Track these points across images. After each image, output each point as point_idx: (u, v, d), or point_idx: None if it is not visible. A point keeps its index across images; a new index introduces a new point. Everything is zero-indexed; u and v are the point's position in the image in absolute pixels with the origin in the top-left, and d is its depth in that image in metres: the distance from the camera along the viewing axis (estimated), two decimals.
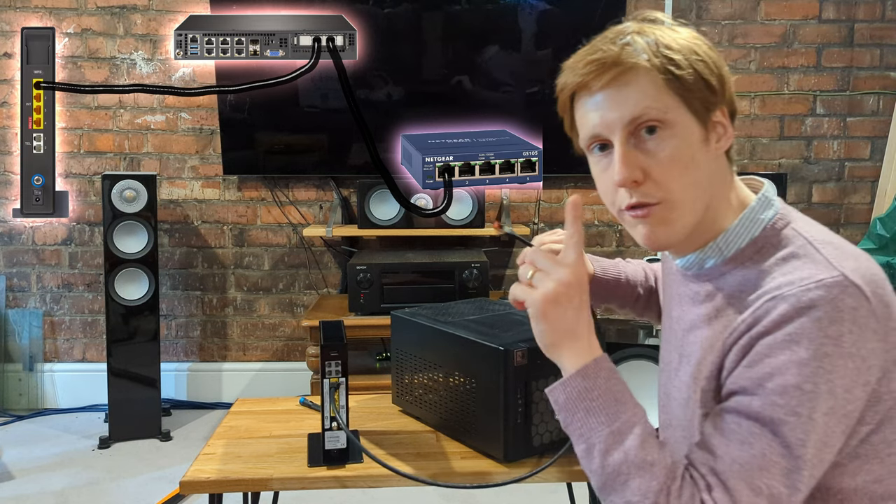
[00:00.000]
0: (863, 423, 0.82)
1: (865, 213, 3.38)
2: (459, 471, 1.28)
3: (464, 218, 2.98)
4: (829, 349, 0.77)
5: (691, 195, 0.87)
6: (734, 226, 0.89)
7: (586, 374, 0.86)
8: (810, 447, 0.78)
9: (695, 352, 0.91)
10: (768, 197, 0.91)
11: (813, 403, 0.77)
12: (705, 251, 0.91)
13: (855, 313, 0.78)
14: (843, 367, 0.78)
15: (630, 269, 1.32)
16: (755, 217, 0.89)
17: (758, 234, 0.88)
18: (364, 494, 2.48)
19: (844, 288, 0.78)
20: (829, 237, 0.87)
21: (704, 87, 0.85)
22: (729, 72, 0.88)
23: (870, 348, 0.79)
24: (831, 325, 0.77)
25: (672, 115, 0.85)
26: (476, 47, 3.18)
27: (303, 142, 3.27)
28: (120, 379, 2.94)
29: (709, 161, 0.87)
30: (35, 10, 3.21)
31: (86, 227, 3.33)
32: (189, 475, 1.26)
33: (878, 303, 0.80)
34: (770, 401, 0.79)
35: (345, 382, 1.28)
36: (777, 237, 0.87)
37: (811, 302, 0.78)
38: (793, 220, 0.89)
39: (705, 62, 0.85)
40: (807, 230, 0.87)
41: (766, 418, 0.79)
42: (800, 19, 3.31)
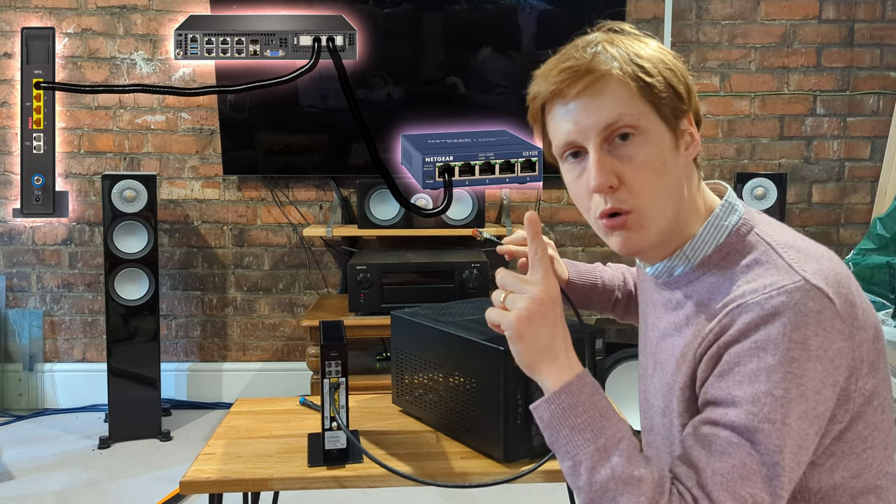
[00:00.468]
0: (835, 422, 0.84)
1: (865, 213, 3.38)
2: (459, 471, 1.28)
3: (464, 218, 2.98)
4: (796, 353, 0.79)
5: (663, 201, 0.89)
6: (700, 233, 0.91)
7: (569, 391, 0.86)
8: (787, 452, 0.79)
9: (668, 360, 0.93)
10: (731, 203, 0.93)
11: (786, 409, 0.79)
12: (673, 259, 0.93)
13: (819, 316, 0.80)
14: (812, 369, 0.79)
15: (608, 274, 1.34)
16: (720, 224, 0.91)
17: (723, 241, 0.90)
18: (364, 494, 2.48)
19: (806, 292, 0.80)
20: (792, 240, 0.89)
21: (673, 95, 0.88)
22: (693, 82, 0.91)
23: (836, 349, 0.81)
24: (796, 329, 0.79)
25: (645, 122, 0.87)
26: (476, 47, 3.18)
27: (303, 142, 3.27)
28: (120, 379, 2.94)
29: (678, 168, 0.89)
30: (35, 10, 3.21)
31: (86, 227, 3.33)
32: (189, 475, 1.26)
33: (842, 303, 0.82)
34: (744, 409, 0.80)
35: (345, 382, 1.28)
36: (741, 243, 0.89)
37: (774, 309, 0.80)
38: (756, 225, 0.91)
39: (673, 71, 0.88)
40: (770, 234, 0.89)
41: (742, 427, 0.80)
42: (800, 19, 3.31)
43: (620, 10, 3.16)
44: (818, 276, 0.82)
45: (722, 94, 3.31)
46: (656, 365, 0.97)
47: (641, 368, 1.04)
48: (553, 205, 3.35)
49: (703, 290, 0.90)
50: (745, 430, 0.80)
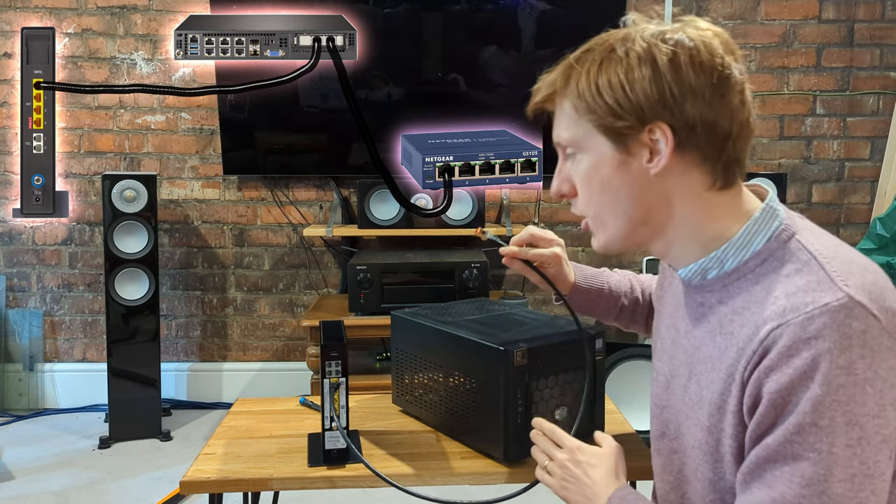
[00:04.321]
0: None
1: (865, 213, 3.38)
2: (459, 471, 1.28)
3: (464, 218, 2.98)
4: (841, 380, 0.76)
5: (609, 214, 0.90)
6: (736, 237, 0.88)
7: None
8: (836, 482, 0.76)
9: (707, 372, 0.90)
10: (773, 206, 0.89)
11: (831, 438, 0.76)
12: (705, 262, 0.90)
13: (864, 336, 0.77)
14: (861, 394, 0.76)
15: (615, 280, 1.33)
16: (758, 228, 0.88)
17: (761, 247, 0.87)
18: (364, 494, 2.48)
19: (850, 311, 0.77)
20: (835, 249, 0.86)
21: (619, 113, 0.85)
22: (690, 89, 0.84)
23: (888, 366, 0.77)
24: (841, 354, 0.76)
25: (585, 142, 0.89)
26: (476, 47, 3.18)
27: (303, 142, 3.27)
28: (120, 379, 2.94)
29: (631, 183, 0.88)
30: (35, 10, 3.21)
31: (86, 227, 3.33)
32: (189, 475, 1.26)
33: (888, 316, 0.79)
34: (787, 439, 0.78)
35: (345, 382, 1.28)
36: (781, 250, 0.86)
37: (817, 332, 0.77)
38: (798, 231, 0.88)
39: (628, 88, 0.84)
40: (812, 243, 0.86)
41: (786, 458, 0.79)
42: (800, 19, 3.31)
43: (620, 10, 3.16)
44: (861, 292, 0.79)
45: None
46: (692, 375, 0.93)
47: (664, 375, 1.01)
48: (553, 205, 3.35)
49: (740, 298, 0.87)
50: (788, 460, 0.78)
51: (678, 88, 0.83)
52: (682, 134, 0.85)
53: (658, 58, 0.84)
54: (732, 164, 0.87)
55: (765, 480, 0.80)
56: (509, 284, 3.44)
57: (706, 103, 0.84)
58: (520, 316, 1.50)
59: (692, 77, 0.83)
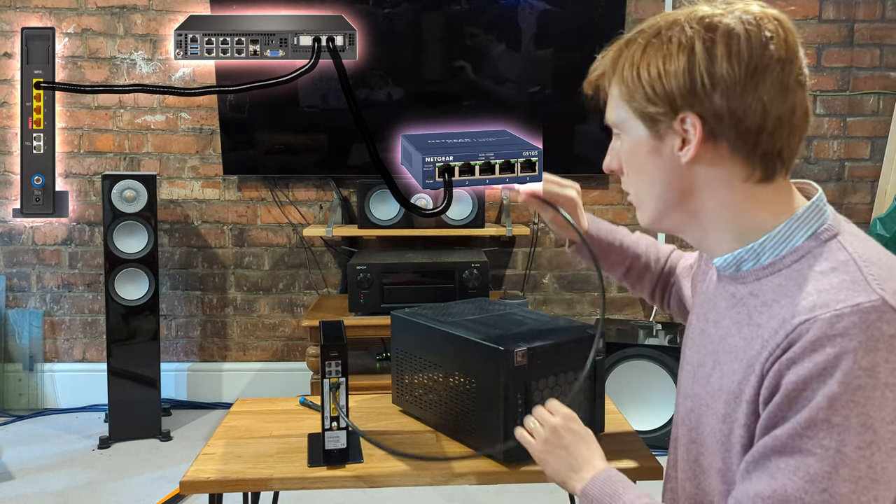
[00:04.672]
0: None
1: (865, 213, 3.38)
2: (459, 471, 1.28)
3: (464, 218, 2.98)
4: (862, 381, 0.75)
5: (645, 194, 0.93)
6: (776, 231, 0.87)
7: (586, 493, 1.01)
8: (840, 481, 0.75)
9: (729, 362, 0.90)
10: (819, 206, 0.87)
11: (842, 437, 0.75)
12: (741, 253, 0.89)
13: (893, 341, 0.75)
14: (881, 398, 0.75)
15: (629, 239, 1.33)
16: (800, 225, 0.86)
17: (801, 244, 0.86)
18: (364, 494, 2.48)
19: (882, 314, 0.76)
20: (877, 256, 0.83)
21: (653, 99, 0.86)
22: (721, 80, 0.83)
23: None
24: (866, 355, 0.75)
25: (626, 124, 0.91)
26: (476, 47, 3.18)
27: (303, 142, 3.27)
28: (120, 379, 2.94)
29: (663, 168, 0.89)
30: (35, 10, 3.21)
31: (86, 227, 3.33)
32: (189, 475, 1.26)
33: None
34: (797, 433, 0.77)
35: (345, 382, 1.28)
36: (820, 249, 0.84)
37: (844, 329, 0.76)
38: (841, 233, 0.86)
39: (664, 76, 0.85)
40: (853, 245, 0.84)
41: (792, 450, 0.78)
42: (800, 19, 3.31)
43: (620, 10, 3.16)
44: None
45: None
46: (716, 364, 0.93)
47: (693, 365, 1.00)
48: None
49: (770, 290, 0.86)
50: (796, 453, 0.77)
51: (709, 80, 0.83)
52: (712, 124, 0.84)
53: (696, 46, 0.83)
54: (772, 158, 0.85)
55: (768, 470, 0.79)
56: (509, 284, 3.44)
57: (736, 95, 0.83)
58: (520, 316, 1.50)
59: (725, 68, 0.82)
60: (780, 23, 0.84)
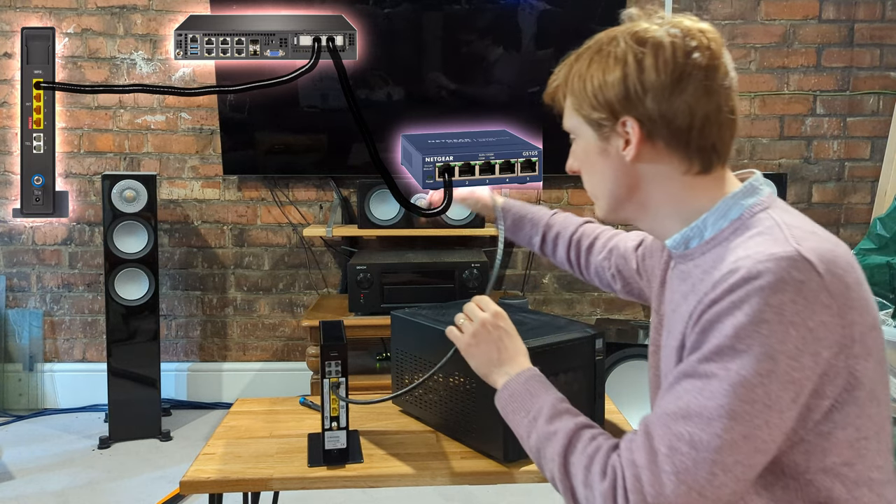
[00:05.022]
0: (822, 397, 0.85)
1: (865, 213, 3.38)
2: (459, 471, 1.28)
3: (464, 218, 2.98)
4: (768, 316, 0.82)
5: (598, 191, 1.03)
6: (714, 208, 0.96)
7: (508, 386, 1.08)
8: (737, 401, 0.82)
9: (675, 326, 0.97)
10: (755, 185, 0.97)
11: (744, 361, 0.82)
12: (687, 231, 0.98)
13: (801, 286, 0.82)
14: (784, 333, 0.82)
15: (541, 213, 1.47)
16: (736, 202, 0.96)
17: (736, 217, 0.95)
18: (364, 494, 2.48)
19: (794, 262, 0.83)
20: (801, 223, 0.92)
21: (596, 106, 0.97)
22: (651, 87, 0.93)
23: (819, 321, 0.83)
24: (774, 294, 0.82)
25: (578, 130, 1.02)
26: (476, 47, 3.18)
27: (303, 142, 3.27)
28: (120, 379, 2.94)
29: (611, 167, 0.99)
30: (35, 10, 3.21)
31: (86, 227, 3.33)
32: (189, 475, 1.26)
33: (833, 279, 0.84)
34: (705, 358, 0.85)
35: (345, 382, 1.28)
36: (752, 219, 0.94)
37: (759, 273, 0.83)
38: (772, 207, 0.95)
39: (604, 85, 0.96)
40: (781, 216, 0.93)
41: (699, 374, 0.85)
42: (800, 19, 3.31)
43: (620, 10, 3.16)
44: (813, 252, 0.85)
45: None
46: (669, 334, 1.01)
47: (653, 346, 1.09)
48: (553, 204, 3.35)
49: (710, 260, 0.94)
50: (701, 376, 0.85)
51: (641, 87, 0.93)
52: (648, 126, 0.94)
53: (629, 59, 0.94)
54: (706, 152, 0.95)
55: (676, 392, 0.87)
56: (509, 284, 3.44)
57: (665, 99, 0.93)
58: (520, 316, 1.50)
59: (653, 77, 0.93)
60: (704, 34, 0.96)
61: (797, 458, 0.88)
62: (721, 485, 0.83)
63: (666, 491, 0.83)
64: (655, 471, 0.84)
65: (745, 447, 0.83)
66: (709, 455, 0.82)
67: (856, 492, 0.88)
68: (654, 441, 0.85)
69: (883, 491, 0.90)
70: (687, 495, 0.83)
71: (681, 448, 0.83)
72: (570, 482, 0.93)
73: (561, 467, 0.94)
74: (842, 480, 0.88)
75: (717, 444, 0.82)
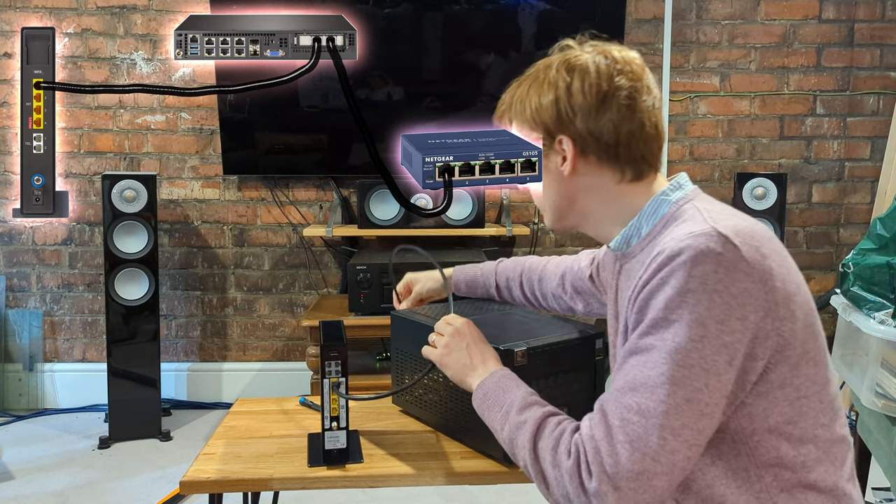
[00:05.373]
0: (755, 359, 0.92)
1: (865, 213, 3.38)
2: (459, 471, 1.28)
3: (464, 218, 2.98)
4: (692, 285, 0.90)
5: (544, 203, 1.14)
6: (646, 207, 1.06)
7: (482, 386, 1.14)
8: (676, 367, 0.89)
9: (621, 316, 1.06)
10: (679, 183, 1.08)
11: (676, 330, 0.90)
12: (626, 231, 1.08)
13: (719, 256, 0.90)
14: (709, 300, 0.89)
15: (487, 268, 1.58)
16: (664, 198, 1.06)
17: (666, 212, 1.04)
18: (364, 494, 2.48)
19: (711, 237, 0.92)
20: (721, 208, 1.02)
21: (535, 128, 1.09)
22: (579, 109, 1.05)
23: (742, 287, 0.90)
24: (695, 266, 0.90)
25: None
26: (476, 47, 3.18)
27: (303, 142, 3.27)
28: (120, 379, 2.94)
29: (553, 181, 1.10)
30: (35, 10, 3.21)
31: (86, 227, 3.33)
32: (189, 475, 1.26)
33: (750, 249, 0.92)
34: (644, 333, 0.93)
35: (345, 382, 1.28)
36: (678, 212, 1.03)
37: (680, 250, 0.92)
38: (695, 199, 1.05)
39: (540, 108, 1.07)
40: (703, 204, 1.02)
41: (640, 349, 0.93)
42: (800, 19, 3.31)
43: (620, 10, 3.16)
44: (729, 229, 0.93)
45: (722, 94, 3.31)
46: (616, 331, 1.10)
47: (613, 348, 1.16)
48: None
49: (647, 253, 1.02)
50: (641, 350, 0.92)
51: (570, 109, 1.05)
52: (580, 143, 1.05)
53: (559, 83, 1.06)
54: (637, 162, 1.06)
55: (623, 370, 0.94)
56: None
57: (592, 119, 1.04)
58: (520, 316, 1.50)
59: (581, 99, 1.04)
60: (626, 59, 1.07)
61: (742, 421, 0.94)
62: (673, 450, 0.88)
63: (622, 460, 0.88)
64: (611, 442, 0.90)
65: (690, 410, 0.89)
66: (657, 420, 0.88)
67: (802, 448, 0.95)
68: (608, 416, 0.92)
69: (830, 448, 0.97)
70: (641, 462, 0.88)
71: (631, 418, 0.89)
72: (540, 465, 0.97)
73: (531, 452, 0.99)
74: (787, 438, 0.94)
75: (663, 409, 0.88)
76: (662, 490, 0.89)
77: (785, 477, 0.95)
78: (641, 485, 0.88)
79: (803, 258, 3.36)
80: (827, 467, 0.96)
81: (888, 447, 1.84)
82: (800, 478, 0.95)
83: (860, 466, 2.14)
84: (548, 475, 0.96)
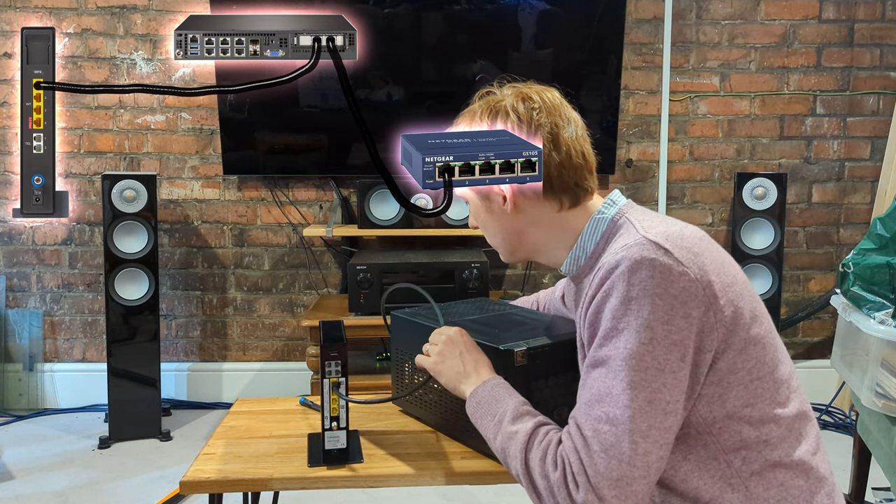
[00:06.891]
0: (704, 351, 0.97)
1: (865, 213, 3.38)
2: (459, 471, 1.28)
3: (464, 218, 2.98)
4: (633, 293, 0.95)
5: (495, 241, 1.22)
6: (586, 228, 1.13)
7: (475, 394, 1.17)
8: (632, 371, 0.94)
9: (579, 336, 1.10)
10: (612, 199, 1.14)
11: (626, 337, 0.95)
12: (574, 252, 1.14)
13: (653, 262, 0.96)
14: (651, 304, 0.94)
15: None
16: (600, 217, 1.12)
17: (605, 229, 1.10)
18: (364, 494, 2.48)
19: (643, 245, 0.98)
20: (653, 218, 1.08)
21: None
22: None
23: (679, 287, 0.95)
24: (633, 274, 0.96)
25: (465, 196, 1.20)
26: (476, 47, 3.18)
27: (303, 142, 3.27)
28: (120, 379, 2.94)
29: (498, 220, 1.17)
30: (35, 10, 3.21)
31: (86, 227, 3.33)
32: (189, 475, 1.26)
33: (681, 250, 0.98)
34: (599, 345, 0.98)
35: (345, 382, 1.28)
36: (615, 227, 1.09)
37: (617, 262, 0.98)
38: (628, 212, 1.10)
39: None
40: (636, 217, 1.08)
41: (598, 361, 0.98)
42: (800, 19, 3.31)
43: (620, 10, 3.16)
44: (658, 235, 0.99)
45: (722, 94, 3.31)
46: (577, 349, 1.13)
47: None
48: None
49: (594, 271, 1.06)
50: (598, 362, 0.98)
51: None
52: None
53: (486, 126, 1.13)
54: (571, 191, 1.12)
55: (587, 384, 0.99)
56: (509, 284, 3.44)
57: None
58: (520, 316, 1.50)
59: None
60: (542, 97, 1.12)
61: (702, 412, 0.99)
62: (646, 451, 0.93)
63: (601, 469, 0.93)
64: (589, 452, 0.94)
65: (653, 411, 0.94)
66: (626, 426, 0.93)
67: (763, 429, 1.00)
68: (583, 429, 0.96)
69: (792, 424, 1.02)
70: (619, 468, 0.92)
71: (602, 428, 0.94)
72: (531, 475, 1.00)
73: (522, 463, 1.02)
74: (747, 421, 0.99)
75: (629, 414, 0.93)
76: (643, 492, 0.94)
77: (752, 458, 0.99)
78: (622, 491, 0.92)
79: (803, 258, 3.36)
80: (791, 443, 1.01)
81: (888, 447, 1.84)
82: (765, 457, 0.99)
83: (860, 466, 2.14)
84: (538, 486, 0.99)
